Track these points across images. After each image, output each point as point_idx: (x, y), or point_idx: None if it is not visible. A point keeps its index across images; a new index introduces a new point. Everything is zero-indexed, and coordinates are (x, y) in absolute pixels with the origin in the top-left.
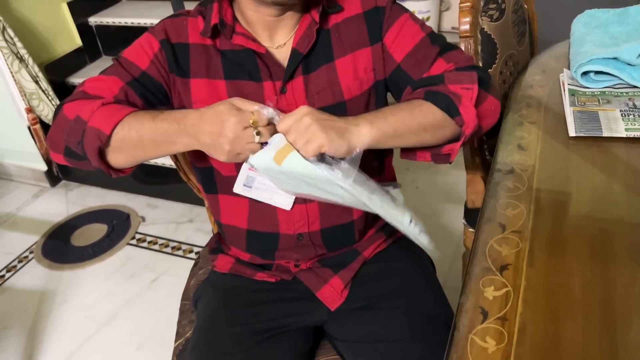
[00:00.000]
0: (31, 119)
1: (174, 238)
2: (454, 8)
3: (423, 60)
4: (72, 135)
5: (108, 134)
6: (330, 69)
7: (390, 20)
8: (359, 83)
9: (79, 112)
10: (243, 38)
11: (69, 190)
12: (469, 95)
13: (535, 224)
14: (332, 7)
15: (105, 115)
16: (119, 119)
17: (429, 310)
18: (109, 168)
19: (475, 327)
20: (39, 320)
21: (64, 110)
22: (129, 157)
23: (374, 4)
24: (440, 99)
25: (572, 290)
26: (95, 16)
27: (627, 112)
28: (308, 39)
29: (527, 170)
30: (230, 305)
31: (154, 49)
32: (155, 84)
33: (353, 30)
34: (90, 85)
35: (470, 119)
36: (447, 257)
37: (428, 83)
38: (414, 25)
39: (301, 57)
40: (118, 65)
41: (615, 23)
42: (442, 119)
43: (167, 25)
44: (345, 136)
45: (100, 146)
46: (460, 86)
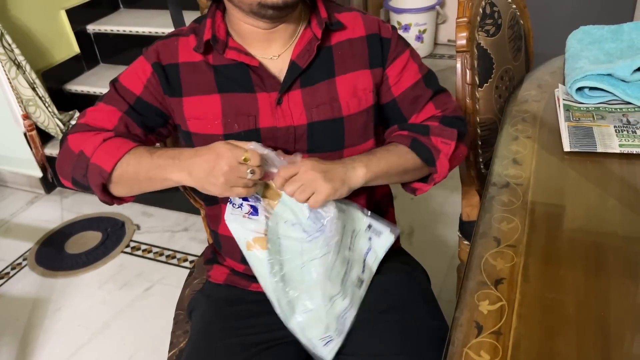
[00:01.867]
0: (27, 126)
1: (168, 247)
2: (450, 21)
3: (416, 101)
4: (77, 169)
5: (109, 172)
6: (330, 84)
7: (394, 54)
8: (357, 101)
9: (83, 147)
10: (235, 52)
11: (64, 197)
12: (446, 150)
13: (530, 238)
14: (334, 24)
15: (106, 152)
16: (119, 157)
17: (424, 324)
18: (112, 199)
19: (470, 341)
20: (31, 329)
21: (68, 142)
22: (128, 190)
23: (377, 31)
24: (423, 151)
25: (567, 305)
26: (93, 24)
27: (621, 128)
28: (308, 53)
29: (522, 185)
30: (225, 316)
31: (146, 73)
32: (151, 108)
33: (356, 51)
34: (92, 116)
35: (442, 171)
36: (442, 269)
37: (416, 130)
38: (414, 65)
39: (300, 71)
40: (114, 93)
41: (610, 40)
42: (420, 166)
43: (160, 47)
44: (346, 182)
45: (103, 182)
46: (441, 140)
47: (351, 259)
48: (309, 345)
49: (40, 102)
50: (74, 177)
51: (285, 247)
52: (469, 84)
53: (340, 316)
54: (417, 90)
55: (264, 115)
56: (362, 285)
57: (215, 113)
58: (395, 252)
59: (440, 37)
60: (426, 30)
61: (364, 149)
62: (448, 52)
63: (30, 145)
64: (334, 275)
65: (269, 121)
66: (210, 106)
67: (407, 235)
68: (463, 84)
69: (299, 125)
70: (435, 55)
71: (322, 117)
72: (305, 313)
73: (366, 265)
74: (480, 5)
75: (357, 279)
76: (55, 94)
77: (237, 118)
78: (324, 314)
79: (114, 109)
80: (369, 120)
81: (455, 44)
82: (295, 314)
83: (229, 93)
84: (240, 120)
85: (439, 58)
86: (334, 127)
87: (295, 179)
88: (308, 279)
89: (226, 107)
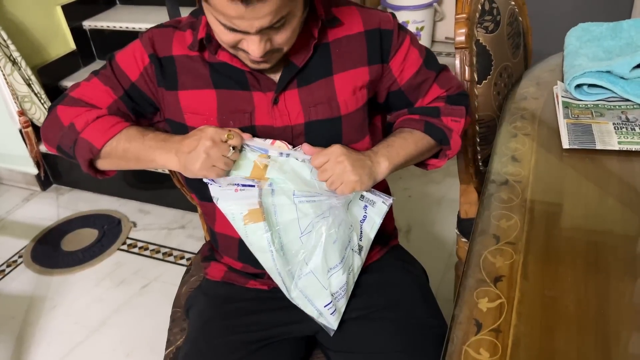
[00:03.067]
0: (23, 122)
1: (165, 244)
2: (448, 18)
3: (421, 86)
4: (65, 140)
5: (99, 149)
6: (328, 83)
7: (397, 46)
8: (355, 99)
9: (74, 120)
10: (228, 55)
11: (59, 195)
12: (457, 128)
13: (529, 235)
14: (330, 21)
15: (98, 129)
16: (110, 135)
17: (423, 322)
18: (95, 172)
19: (469, 339)
20: (27, 327)
21: (57, 111)
22: (113, 166)
23: (377, 25)
24: (437, 133)
25: (566, 303)
26: (89, 20)
27: (620, 125)
28: (305, 52)
29: (521, 182)
30: (223, 314)
31: (144, 61)
32: (144, 97)
33: (354, 47)
34: (86, 91)
35: (455, 147)
36: (440, 267)
37: (427, 113)
38: (414, 51)
39: (296, 70)
40: (111, 73)
41: (609, 37)
42: (434, 146)
43: (155, 36)
44: (372, 175)
45: (91, 158)
46: (452, 119)
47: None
48: (314, 314)
49: (36, 99)
50: (60, 145)
51: (281, 215)
52: (468, 81)
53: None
54: (421, 76)
55: (260, 114)
56: (362, 251)
57: (211, 109)
58: (393, 250)
59: (438, 35)
60: (424, 28)
61: (360, 146)
62: (446, 50)
63: (26, 142)
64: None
65: (265, 120)
66: (206, 101)
67: (405, 232)
68: (462, 80)
69: (296, 124)
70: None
71: (320, 116)
72: (306, 276)
73: (363, 232)
74: (479, 2)
75: (357, 245)
76: (51, 91)
77: (232, 115)
78: (325, 281)
79: (109, 90)
80: (365, 117)
81: (453, 41)
82: (295, 279)
83: (224, 89)
84: (235, 117)
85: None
86: (332, 126)
87: (325, 168)
88: (308, 246)
89: (221, 104)
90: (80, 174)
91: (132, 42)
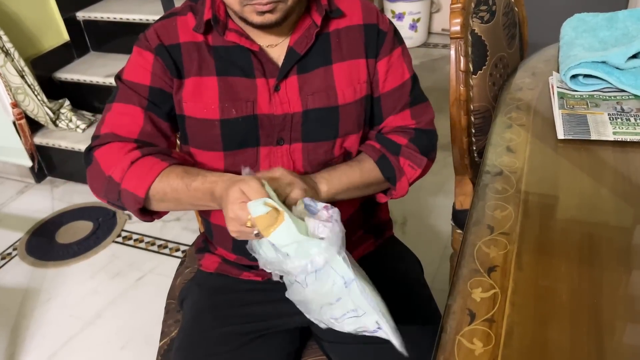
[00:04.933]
0: (16, 114)
1: (160, 236)
2: (444, 10)
3: (397, 102)
4: (110, 194)
5: (143, 197)
6: (327, 72)
7: (387, 50)
8: (353, 90)
9: (111, 171)
10: (236, 35)
11: (54, 187)
12: (411, 174)
13: (524, 226)
14: (334, 11)
15: (136, 177)
16: (150, 182)
17: (417, 313)
18: (152, 215)
19: (462, 329)
20: (22, 319)
21: (97, 158)
22: (170, 207)
23: (375, 21)
24: (387, 170)
25: (560, 293)
26: (83, 11)
27: (615, 116)
28: (306, 40)
29: (516, 173)
30: (216, 305)
31: (149, 61)
32: (166, 95)
33: (352, 39)
34: (114, 122)
35: (401, 192)
36: (435, 258)
37: (387, 146)
38: (403, 64)
39: (298, 58)
40: (127, 89)
41: (605, 27)
42: (382, 181)
43: (158, 29)
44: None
45: (139, 208)
46: (409, 163)
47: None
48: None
49: (30, 91)
50: (108, 199)
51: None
52: (463, 71)
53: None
54: (401, 92)
55: (262, 102)
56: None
57: (213, 97)
58: (388, 241)
59: (434, 26)
60: (420, 19)
61: (356, 139)
62: (442, 42)
63: (20, 134)
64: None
65: (266, 108)
66: (208, 89)
67: (400, 224)
68: (457, 70)
69: (294, 112)
70: (429, 45)
71: (318, 104)
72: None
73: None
74: None
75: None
76: (45, 82)
77: (234, 103)
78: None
79: (135, 107)
80: (363, 111)
81: (448, 33)
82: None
83: (227, 77)
84: (238, 106)
85: (433, 47)
86: (329, 116)
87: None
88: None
89: (223, 91)
90: (75, 167)
91: (130, 57)
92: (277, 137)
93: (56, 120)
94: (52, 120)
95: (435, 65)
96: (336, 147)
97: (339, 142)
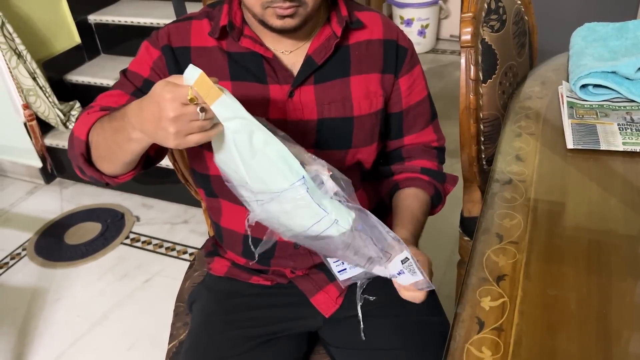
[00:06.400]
0: (27, 116)
1: (168, 239)
2: (452, 16)
3: (419, 119)
4: (69, 149)
5: (84, 140)
6: (344, 83)
7: (409, 66)
8: (369, 103)
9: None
10: (250, 41)
11: (63, 188)
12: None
13: (532, 235)
14: (354, 23)
15: (82, 122)
16: (90, 124)
17: (424, 319)
18: (100, 175)
19: (471, 337)
20: (30, 319)
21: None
22: (111, 163)
23: (395, 37)
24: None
25: (568, 303)
26: (95, 14)
27: (624, 126)
28: (325, 50)
29: (525, 181)
30: (226, 309)
31: (153, 56)
32: None
33: (372, 53)
34: (100, 101)
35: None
36: (441, 264)
37: (435, 177)
38: (422, 81)
39: (315, 67)
40: (124, 79)
41: (615, 37)
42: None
43: (171, 29)
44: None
45: (82, 153)
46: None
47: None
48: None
49: (41, 92)
50: (70, 157)
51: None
52: (473, 80)
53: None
54: (422, 109)
55: (274, 107)
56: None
57: None
58: None
59: (443, 33)
60: (428, 25)
61: (369, 151)
62: (450, 48)
63: (30, 135)
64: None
65: (279, 113)
66: None
67: None
68: (467, 79)
69: (309, 120)
70: (438, 51)
71: (334, 114)
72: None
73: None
74: (485, 1)
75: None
76: (56, 84)
77: (248, 107)
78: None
79: (121, 92)
80: (377, 124)
81: (457, 39)
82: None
83: (241, 82)
84: (250, 110)
85: (441, 53)
86: (344, 126)
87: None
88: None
89: (237, 96)
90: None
91: (139, 50)
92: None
93: (67, 122)
94: (62, 122)
95: (444, 72)
96: (348, 157)
97: (351, 153)
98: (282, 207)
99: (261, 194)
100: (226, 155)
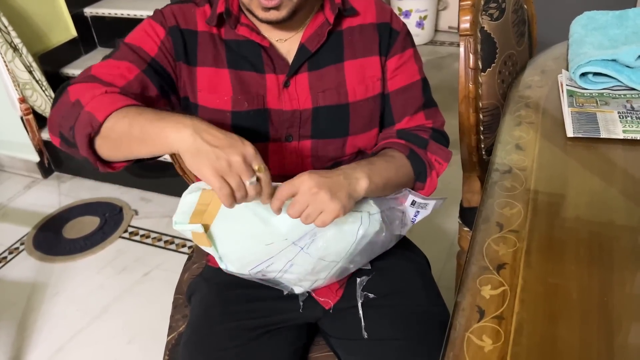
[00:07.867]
0: (24, 109)
1: (166, 232)
2: (451, 7)
3: (409, 103)
4: (67, 120)
5: (101, 121)
6: (338, 69)
7: (399, 47)
8: (364, 88)
9: (81, 96)
10: (247, 29)
11: (61, 182)
12: (439, 170)
13: (533, 224)
14: (348, 10)
15: (102, 102)
16: (115, 107)
17: (424, 309)
18: (95, 159)
19: (471, 326)
20: (29, 313)
21: (68, 91)
22: (113, 148)
23: (389, 20)
24: (418, 164)
25: (569, 291)
26: (90, 7)
27: (624, 114)
28: (318, 37)
29: (525, 170)
30: (224, 301)
31: (159, 35)
32: (164, 72)
33: (366, 37)
34: (102, 71)
35: (430, 189)
36: (441, 255)
37: (413, 140)
38: (414, 65)
39: (309, 55)
40: (128, 50)
41: (614, 25)
42: (410, 180)
43: (175, 10)
44: (352, 196)
45: (90, 133)
46: (436, 158)
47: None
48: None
49: (37, 86)
50: (61, 130)
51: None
52: (472, 69)
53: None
54: (413, 92)
55: (271, 97)
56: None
57: (226, 88)
58: None
59: (441, 24)
60: (427, 17)
61: (368, 138)
62: (449, 39)
63: (27, 129)
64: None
65: (275, 103)
66: (221, 80)
67: None
68: (466, 68)
69: (304, 109)
70: (436, 42)
71: (328, 102)
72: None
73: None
74: None
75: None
76: (52, 78)
77: (246, 96)
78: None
79: (131, 65)
80: (375, 109)
81: (456, 31)
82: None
83: (238, 70)
84: (250, 99)
85: (440, 45)
86: (340, 113)
87: (297, 200)
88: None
89: (236, 84)
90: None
91: (139, 25)
92: (286, 134)
93: None
94: None
95: (442, 63)
96: (347, 145)
97: (350, 141)
98: (325, 236)
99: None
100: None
